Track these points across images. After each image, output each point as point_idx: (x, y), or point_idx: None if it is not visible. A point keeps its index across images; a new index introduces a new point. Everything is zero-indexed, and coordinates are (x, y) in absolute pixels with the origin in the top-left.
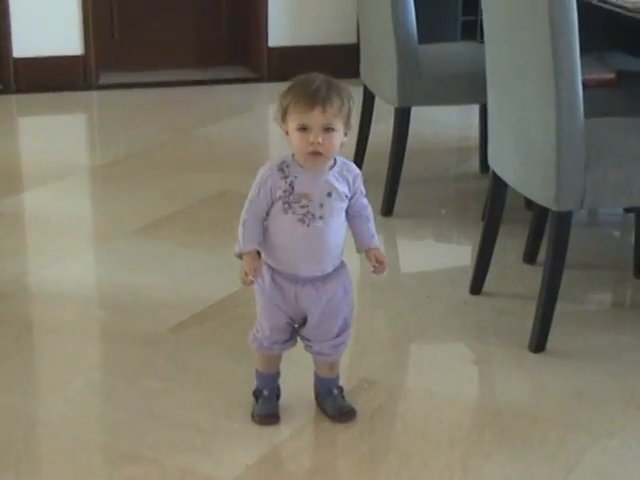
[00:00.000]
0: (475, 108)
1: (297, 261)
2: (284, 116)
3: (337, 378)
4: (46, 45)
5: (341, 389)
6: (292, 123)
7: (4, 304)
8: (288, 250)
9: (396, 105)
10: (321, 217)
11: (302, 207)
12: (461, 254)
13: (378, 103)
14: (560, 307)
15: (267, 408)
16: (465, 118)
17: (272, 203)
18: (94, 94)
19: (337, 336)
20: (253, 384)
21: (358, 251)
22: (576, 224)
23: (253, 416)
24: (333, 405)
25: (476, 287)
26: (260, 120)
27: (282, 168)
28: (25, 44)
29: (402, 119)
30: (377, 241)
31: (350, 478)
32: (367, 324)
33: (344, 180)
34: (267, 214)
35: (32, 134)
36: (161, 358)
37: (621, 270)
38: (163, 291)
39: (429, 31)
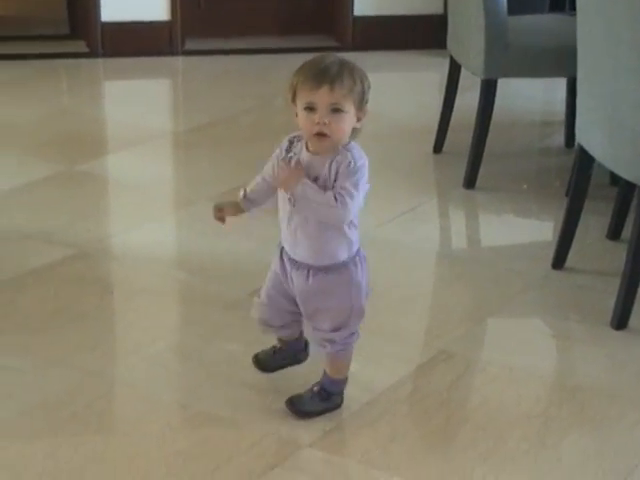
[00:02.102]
0: (561, 81)
1: (285, 239)
2: (293, 96)
3: (332, 382)
4: (133, 10)
5: (326, 393)
6: (299, 102)
7: (88, 265)
8: (281, 225)
9: (482, 76)
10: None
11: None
12: (543, 229)
13: (464, 75)
14: None
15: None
16: (550, 92)
17: None
18: (179, 60)
19: (331, 331)
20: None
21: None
22: None
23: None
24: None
25: (558, 262)
26: None
27: (292, 141)
28: (113, 9)
29: (488, 91)
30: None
31: (426, 448)
32: (446, 296)
33: (335, 171)
34: None
35: (117, 98)
36: (241, 321)
37: None
38: (243, 256)
39: (518, 3)
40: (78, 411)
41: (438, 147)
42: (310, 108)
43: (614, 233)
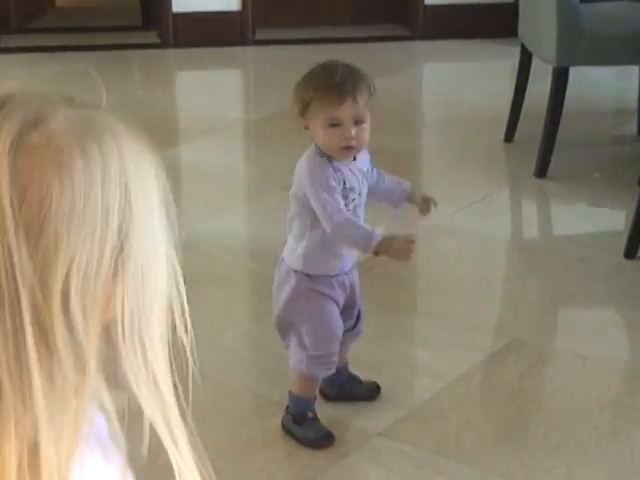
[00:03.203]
0: (633, 70)
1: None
2: (304, 110)
3: (291, 398)
4: (204, 1)
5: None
6: (318, 117)
7: None
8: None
9: (555, 64)
10: (360, 206)
11: (352, 200)
12: (615, 218)
13: (535, 63)
14: None
15: (320, 429)
16: (623, 80)
17: None
18: (250, 50)
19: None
20: (399, 339)
21: (395, 205)
22: None
23: (306, 443)
24: None
25: (631, 251)
26: (415, 79)
27: (330, 161)
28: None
29: (560, 79)
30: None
31: (497, 437)
32: (519, 285)
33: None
34: None
35: (189, 88)
36: None
37: None
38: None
39: None
40: None
41: (510, 136)
42: (334, 124)
43: None
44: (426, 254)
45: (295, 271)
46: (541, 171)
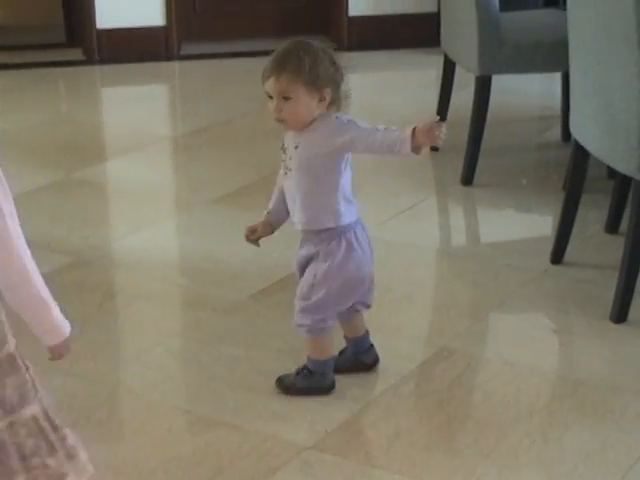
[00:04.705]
0: (557, 76)
1: (290, 210)
2: None
3: (311, 361)
4: (129, 16)
5: (308, 370)
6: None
7: (87, 272)
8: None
9: (477, 74)
10: (290, 169)
11: (282, 160)
12: (542, 224)
13: (459, 72)
14: None
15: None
16: (546, 86)
17: None
18: (176, 64)
19: (298, 298)
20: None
21: (399, 153)
22: None
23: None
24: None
25: (557, 257)
26: None
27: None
28: (108, 15)
29: (483, 88)
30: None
31: (428, 446)
32: (446, 293)
33: (323, 134)
34: None
35: (115, 104)
36: (241, 325)
37: None
38: (243, 259)
39: None
40: (79, 418)
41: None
42: (269, 97)
43: (612, 226)
44: None
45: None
46: (467, 178)
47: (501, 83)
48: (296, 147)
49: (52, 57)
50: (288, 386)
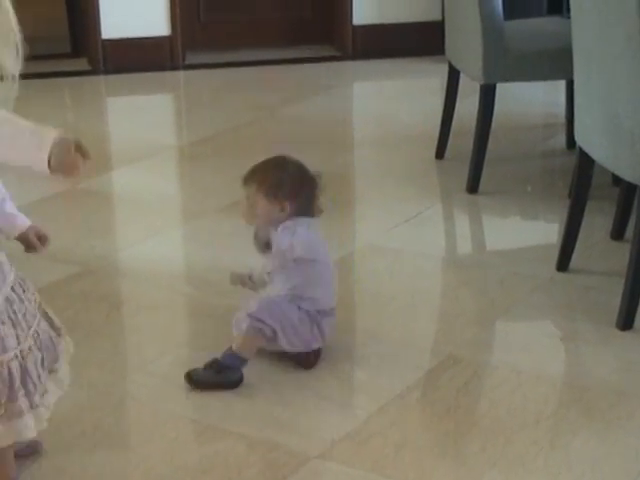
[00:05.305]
0: (561, 83)
1: None
2: None
3: (232, 356)
4: (134, 26)
5: (221, 366)
6: None
7: (94, 281)
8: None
9: (481, 82)
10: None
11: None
12: (548, 231)
13: (463, 80)
14: None
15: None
16: (551, 94)
17: None
18: (181, 74)
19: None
20: (335, 358)
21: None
22: None
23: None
24: None
25: (563, 264)
26: (345, 98)
27: None
28: (113, 25)
29: (487, 96)
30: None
31: (436, 454)
32: (453, 301)
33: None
34: None
35: (120, 114)
36: None
37: None
38: (249, 269)
39: (514, 7)
40: (87, 428)
41: (440, 153)
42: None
43: (618, 233)
44: (360, 272)
45: None
46: (472, 186)
47: (505, 91)
48: (266, 242)
49: (57, 67)
50: (198, 380)
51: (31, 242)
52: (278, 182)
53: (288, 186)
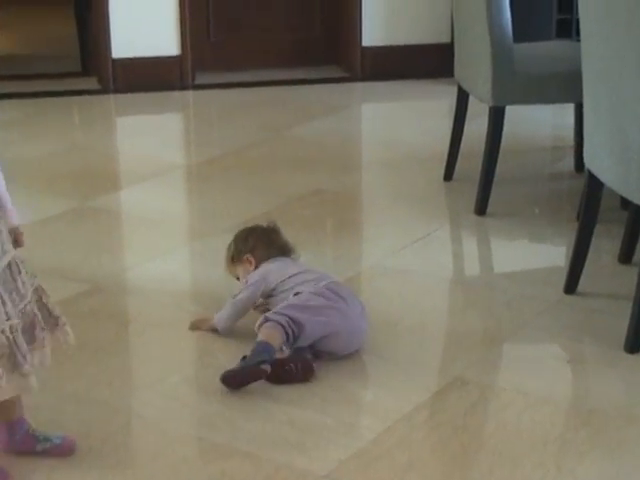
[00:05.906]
0: (570, 106)
1: None
2: None
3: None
4: (144, 46)
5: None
6: None
7: (102, 300)
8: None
9: (491, 104)
10: None
11: None
12: (555, 254)
13: (472, 102)
14: None
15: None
16: (560, 116)
17: None
18: (190, 94)
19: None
20: (342, 378)
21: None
22: None
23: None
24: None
25: (571, 287)
26: (353, 120)
27: None
28: (123, 45)
29: (496, 118)
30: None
31: (443, 475)
32: (460, 323)
33: None
34: None
35: (129, 133)
36: None
37: None
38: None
39: (524, 30)
40: (95, 445)
41: (449, 175)
42: None
43: (626, 256)
44: (368, 293)
45: None
46: (481, 208)
47: (514, 113)
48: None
49: (67, 86)
50: (229, 375)
51: (17, 239)
52: (236, 247)
53: (242, 246)
